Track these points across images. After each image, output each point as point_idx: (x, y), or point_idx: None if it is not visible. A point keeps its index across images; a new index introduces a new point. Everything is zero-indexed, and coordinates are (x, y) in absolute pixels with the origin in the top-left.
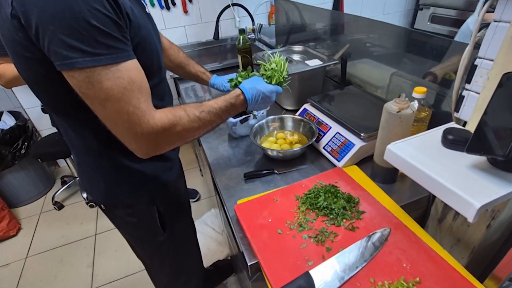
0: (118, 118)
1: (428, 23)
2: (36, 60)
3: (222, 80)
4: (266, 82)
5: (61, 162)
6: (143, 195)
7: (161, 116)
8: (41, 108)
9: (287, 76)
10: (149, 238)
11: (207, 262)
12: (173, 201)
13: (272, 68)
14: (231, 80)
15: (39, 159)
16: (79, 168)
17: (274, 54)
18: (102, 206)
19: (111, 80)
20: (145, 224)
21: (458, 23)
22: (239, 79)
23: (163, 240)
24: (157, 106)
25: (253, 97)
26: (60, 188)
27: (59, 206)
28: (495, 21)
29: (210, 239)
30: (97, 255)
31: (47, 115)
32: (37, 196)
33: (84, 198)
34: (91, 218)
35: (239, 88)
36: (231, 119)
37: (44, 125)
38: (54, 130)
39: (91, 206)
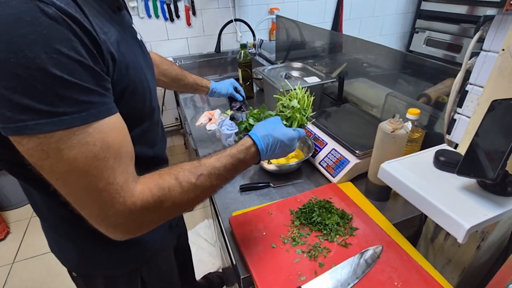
0: (84, 197)
1: (424, 46)
2: None
3: (222, 84)
4: (286, 124)
5: None
6: (125, 264)
7: (143, 191)
8: None
9: (312, 114)
10: None
11: (197, 274)
12: (160, 265)
13: (293, 107)
14: (240, 123)
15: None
16: (47, 234)
17: (296, 86)
18: (73, 273)
19: (76, 147)
20: None
21: (452, 47)
22: (250, 120)
23: None
24: (147, 156)
25: (268, 147)
26: None
27: None
28: (485, 51)
29: (202, 251)
30: None
31: None
32: (26, 200)
33: None
34: None
35: (249, 136)
36: (226, 131)
37: None
38: None
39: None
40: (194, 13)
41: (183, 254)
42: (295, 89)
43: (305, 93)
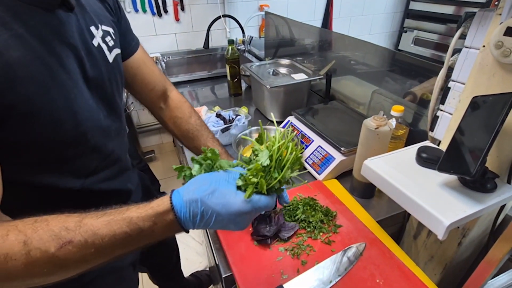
0: None
1: (412, 45)
2: None
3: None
4: (240, 187)
5: None
6: None
7: None
8: None
9: (295, 173)
10: None
11: (185, 272)
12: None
13: (255, 164)
14: (180, 169)
15: None
16: None
17: (279, 128)
18: None
19: None
20: None
21: (439, 46)
22: (195, 168)
23: None
24: (71, 188)
25: (196, 218)
26: None
27: None
28: (466, 47)
29: (189, 249)
30: None
31: None
32: None
33: None
34: None
35: (170, 196)
36: (212, 127)
37: None
38: None
39: None
40: (182, 8)
41: (168, 251)
42: (272, 136)
43: (290, 143)
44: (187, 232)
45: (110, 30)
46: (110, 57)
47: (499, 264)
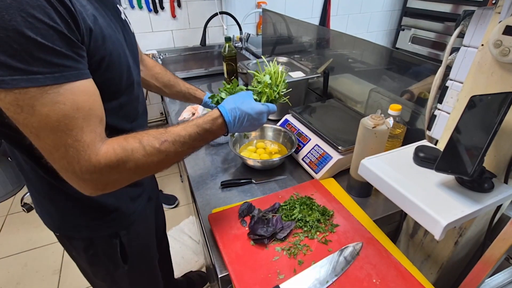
0: (55, 151)
1: (409, 43)
2: None
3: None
4: (256, 99)
5: None
6: (104, 228)
7: (107, 151)
8: None
9: (284, 90)
10: (106, 271)
11: (180, 271)
12: (139, 231)
13: (264, 82)
14: (212, 96)
15: (8, 158)
16: (32, 195)
17: (270, 62)
18: (56, 233)
19: (48, 105)
20: (104, 256)
21: (436, 45)
22: (223, 94)
23: (123, 273)
24: (124, 129)
25: (236, 120)
26: None
27: (28, 208)
28: (465, 46)
29: (186, 248)
30: (66, 261)
31: None
32: (4, 197)
33: None
34: None
35: (217, 108)
36: None
37: None
38: None
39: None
40: (179, 5)
41: (160, 249)
42: (269, 66)
43: (279, 70)
44: (227, 134)
45: (122, 7)
46: (132, 29)
47: (496, 264)
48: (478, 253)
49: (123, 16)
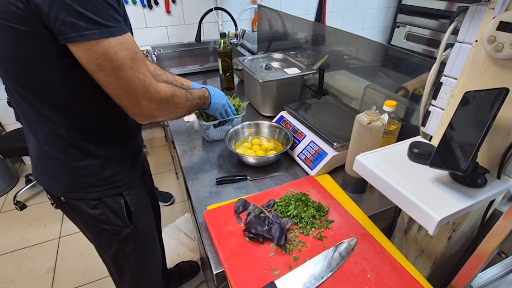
0: (132, 85)
1: (404, 41)
2: (31, 33)
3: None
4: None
5: (27, 159)
6: (111, 189)
7: (164, 86)
8: (7, 101)
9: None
10: (113, 231)
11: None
12: (139, 195)
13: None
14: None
15: (1, 155)
16: (39, 161)
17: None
18: (62, 198)
19: (123, 50)
20: (112, 215)
21: (431, 42)
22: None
23: (128, 234)
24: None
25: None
26: (24, 187)
27: (21, 206)
28: (459, 42)
29: (181, 245)
30: (60, 259)
31: (12, 109)
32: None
33: (49, 198)
34: (56, 220)
35: (207, 90)
36: (204, 122)
37: (9, 119)
38: (20, 125)
39: (57, 207)
40: (173, 0)
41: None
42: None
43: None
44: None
45: None
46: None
47: (488, 258)
48: (471, 247)
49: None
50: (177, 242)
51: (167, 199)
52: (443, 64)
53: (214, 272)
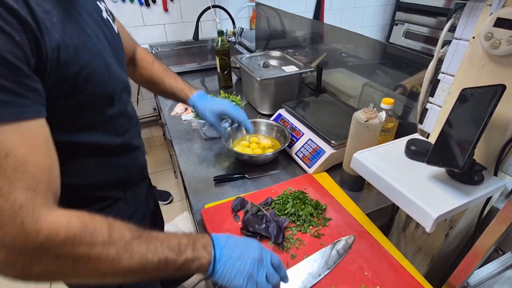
0: None
1: (402, 38)
2: None
3: (207, 105)
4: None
5: None
6: None
7: (58, 220)
8: None
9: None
10: None
11: None
12: None
13: None
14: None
15: None
16: None
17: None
18: None
19: None
20: None
21: (429, 40)
22: None
23: None
24: (113, 144)
25: (226, 273)
26: None
27: None
28: (456, 39)
29: None
30: None
31: None
32: None
33: None
34: None
35: (212, 241)
36: (201, 120)
37: None
38: None
39: None
40: None
41: None
42: None
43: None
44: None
45: (104, 3)
46: (115, 28)
47: (485, 255)
48: (468, 244)
49: (104, 14)
50: None
51: (165, 198)
52: (440, 61)
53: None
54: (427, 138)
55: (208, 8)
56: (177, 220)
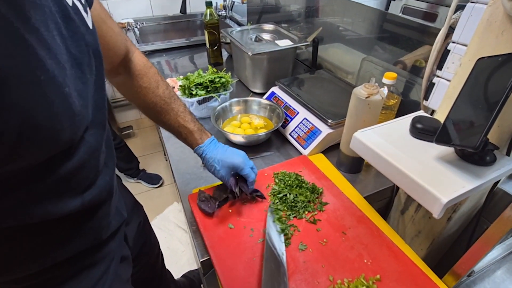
0: None
1: (400, 14)
2: None
3: (217, 155)
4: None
5: None
6: None
7: None
8: None
9: None
10: None
11: (166, 262)
12: None
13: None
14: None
15: None
16: None
17: None
18: None
19: None
20: None
21: (427, 15)
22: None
23: None
24: (71, 209)
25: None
26: None
27: None
28: (472, 2)
29: (171, 237)
30: None
31: None
32: None
33: None
34: None
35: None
36: (188, 99)
37: None
38: None
39: None
40: None
41: (151, 257)
42: None
43: None
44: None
45: None
46: (89, 21)
47: (497, 243)
48: (470, 228)
49: (70, 0)
50: (166, 235)
51: (155, 181)
52: (451, 29)
53: (200, 260)
54: (431, 115)
55: None
56: (168, 211)
